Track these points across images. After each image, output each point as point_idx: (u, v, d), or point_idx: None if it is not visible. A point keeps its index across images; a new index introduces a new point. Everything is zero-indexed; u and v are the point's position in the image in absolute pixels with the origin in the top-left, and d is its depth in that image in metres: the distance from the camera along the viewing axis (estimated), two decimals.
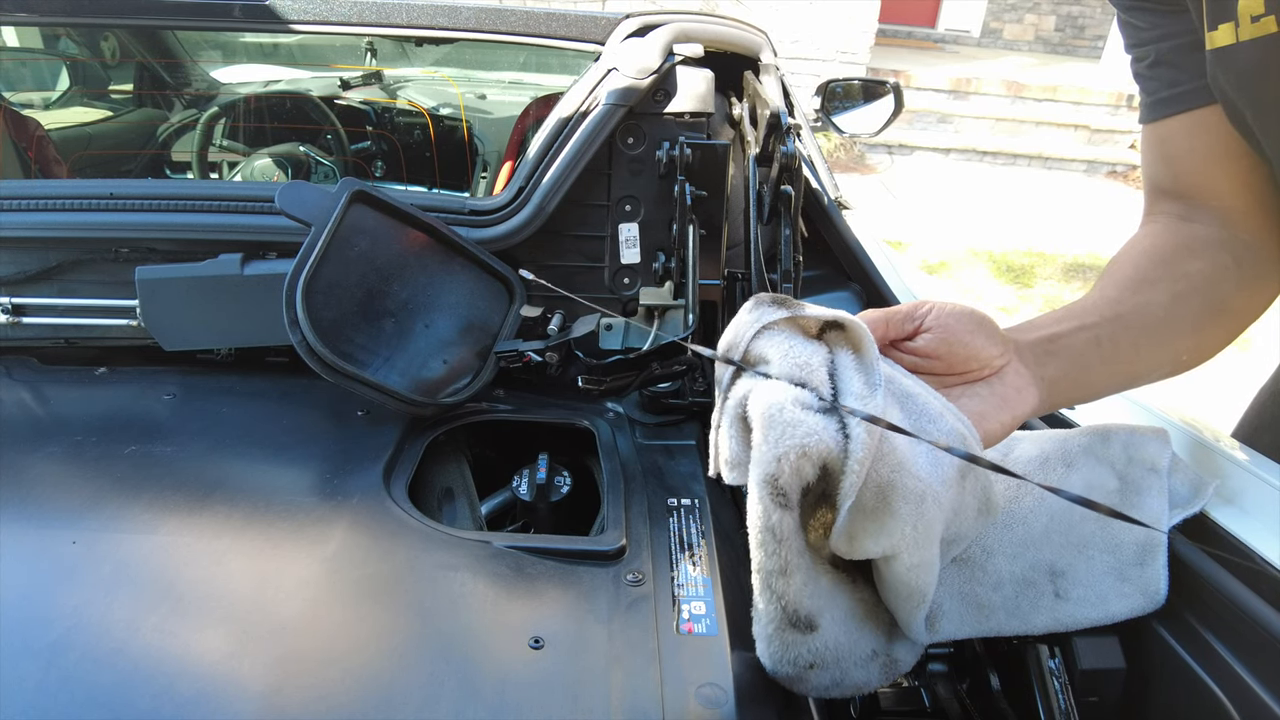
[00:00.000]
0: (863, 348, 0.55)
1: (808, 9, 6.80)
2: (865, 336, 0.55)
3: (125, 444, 0.86)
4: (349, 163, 1.98)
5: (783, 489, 0.51)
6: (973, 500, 0.59)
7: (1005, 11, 9.69)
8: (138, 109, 2.05)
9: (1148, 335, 0.68)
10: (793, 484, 0.51)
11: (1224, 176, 0.74)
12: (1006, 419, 0.60)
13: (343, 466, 0.85)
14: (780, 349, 0.54)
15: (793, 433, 0.50)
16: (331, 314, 0.91)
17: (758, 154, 1.06)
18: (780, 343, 0.55)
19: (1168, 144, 0.78)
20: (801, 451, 0.50)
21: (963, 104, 7.41)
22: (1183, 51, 0.72)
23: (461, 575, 0.71)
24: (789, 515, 0.52)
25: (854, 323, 0.55)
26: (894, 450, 0.52)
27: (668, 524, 0.81)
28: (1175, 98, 0.74)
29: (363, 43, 2.01)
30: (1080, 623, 0.64)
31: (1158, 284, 0.71)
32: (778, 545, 0.53)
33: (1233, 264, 0.72)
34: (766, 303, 0.57)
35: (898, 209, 5.63)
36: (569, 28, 1.18)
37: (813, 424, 0.50)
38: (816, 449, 0.50)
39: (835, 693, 0.61)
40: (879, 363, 0.55)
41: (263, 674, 0.58)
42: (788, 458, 0.50)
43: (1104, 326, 0.66)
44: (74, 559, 0.68)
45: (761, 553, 0.54)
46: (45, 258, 1.07)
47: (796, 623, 0.56)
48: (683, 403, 1.05)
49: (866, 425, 0.50)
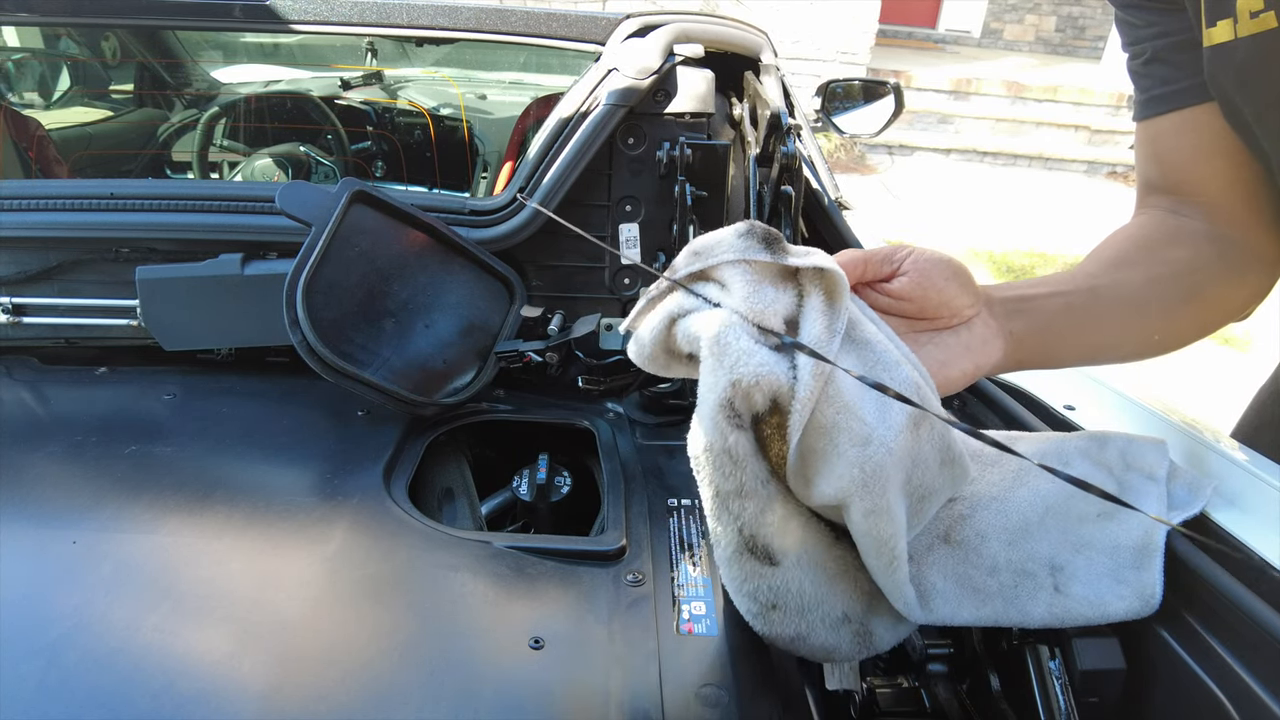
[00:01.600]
0: (835, 295, 0.56)
1: (808, 9, 6.80)
2: (840, 286, 0.56)
3: (125, 444, 0.86)
4: (349, 163, 1.98)
5: (738, 411, 0.52)
6: (931, 450, 0.59)
7: (1006, 12, 9.69)
8: (138, 109, 2.05)
9: (1119, 310, 0.70)
10: (744, 408, 0.53)
11: (1213, 174, 0.75)
12: (969, 367, 0.61)
13: (343, 466, 0.85)
14: (747, 285, 0.55)
15: (747, 361, 0.51)
16: (332, 314, 0.91)
17: (758, 154, 1.06)
18: (750, 281, 0.55)
19: (1159, 141, 0.78)
20: (755, 380, 0.51)
21: (963, 104, 7.42)
22: (1177, 50, 0.73)
23: (461, 575, 0.71)
24: (744, 435, 0.53)
25: (834, 272, 0.55)
26: (840, 393, 0.53)
27: (668, 524, 0.81)
28: (1168, 96, 0.75)
29: (363, 43, 2.01)
30: (1078, 620, 0.64)
31: (1136, 265, 0.73)
32: (734, 467, 0.54)
33: (1215, 256, 0.74)
34: (758, 238, 0.56)
35: (899, 208, 5.63)
36: (569, 28, 1.18)
37: (764, 357, 0.52)
38: (768, 380, 0.51)
39: (802, 650, 0.60)
40: (846, 311, 0.56)
41: (262, 674, 0.58)
42: (741, 384, 0.51)
43: (1077, 295, 0.68)
44: (74, 559, 0.68)
45: (719, 475, 0.55)
46: (45, 258, 1.07)
47: (754, 549, 0.57)
48: (684, 403, 1.05)
49: (814, 366, 0.52)
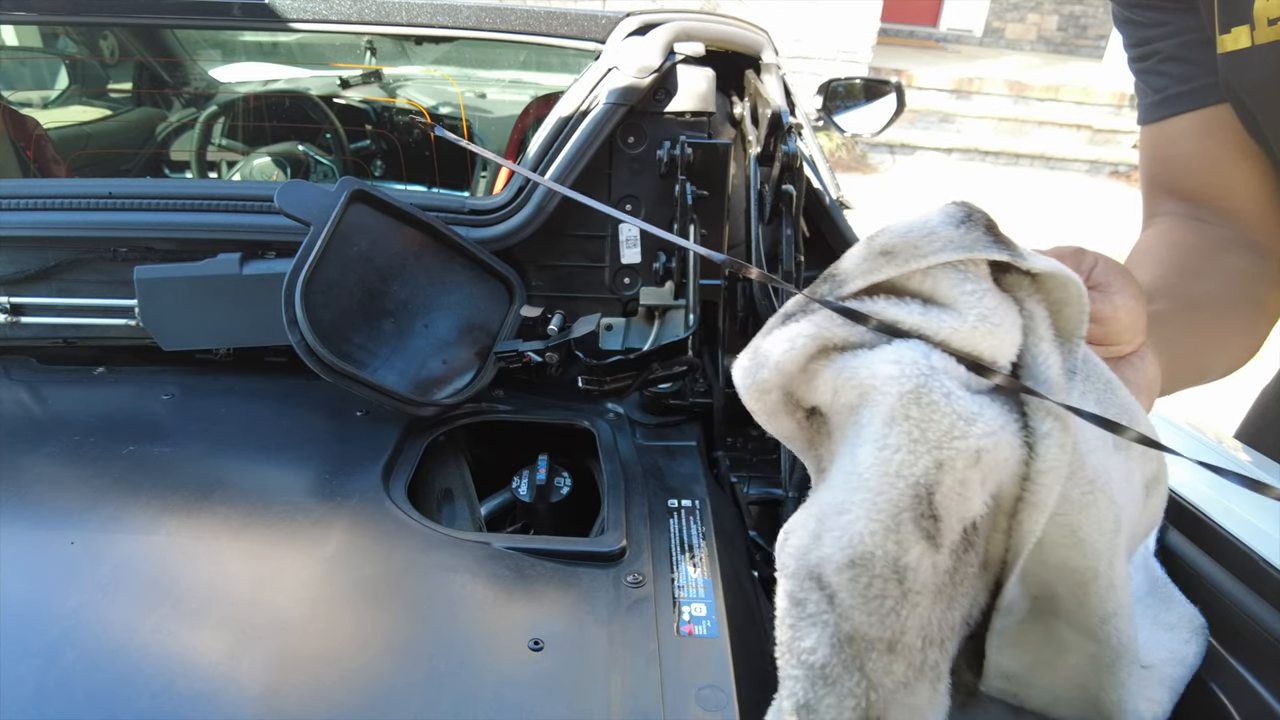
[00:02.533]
0: (1070, 315, 0.38)
1: (809, 8, 6.79)
2: (1078, 301, 0.38)
3: (124, 444, 0.86)
4: (348, 162, 1.97)
5: (936, 512, 0.34)
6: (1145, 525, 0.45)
7: (1007, 11, 9.68)
8: (137, 108, 2.04)
9: (1215, 325, 0.63)
10: (952, 507, 0.34)
11: (1240, 177, 0.70)
12: (1147, 406, 0.47)
13: (342, 467, 0.85)
14: (976, 299, 0.36)
15: (964, 428, 0.33)
16: (330, 314, 0.90)
17: (759, 153, 1.06)
18: (977, 293, 0.36)
19: (1178, 143, 0.73)
20: (975, 457, 0.33)
21: (965, 104, 7.41)
22: (1192, 48, 0.68)
23: (461, 576, 0.70)
24: (937, 556, 0.35)
25: (1072, 281, 0.38)
26: (1083, 462, 0.36)
27: (668, 525, 0.80)
28: (1185, 95, 0.70)
29: (362, 41, 2.00)
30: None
31: (1206, 275, 0.64)
32: (900, 601, 0.34)
33: (1260, 263, 0.68)
34: (981, 225, 0.37)
35: (899, 209, 5.62)
36: (569, 26, 1.17)
37: (991, 418, 0.34)
38: (995, 457, 0.34)
39: None
40: (1083, 340, 0.39)
41: (262, 674, 0.58)
42: (954, 466, 0.33)
43: (1183, 310, 0.58)
44: (72, 559, 0.68)
45: (863, 610, 0.34)
46: (44, 257, 1.06)
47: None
48: (683, 403, 1.05)
49: (1061, 431, 0.35)
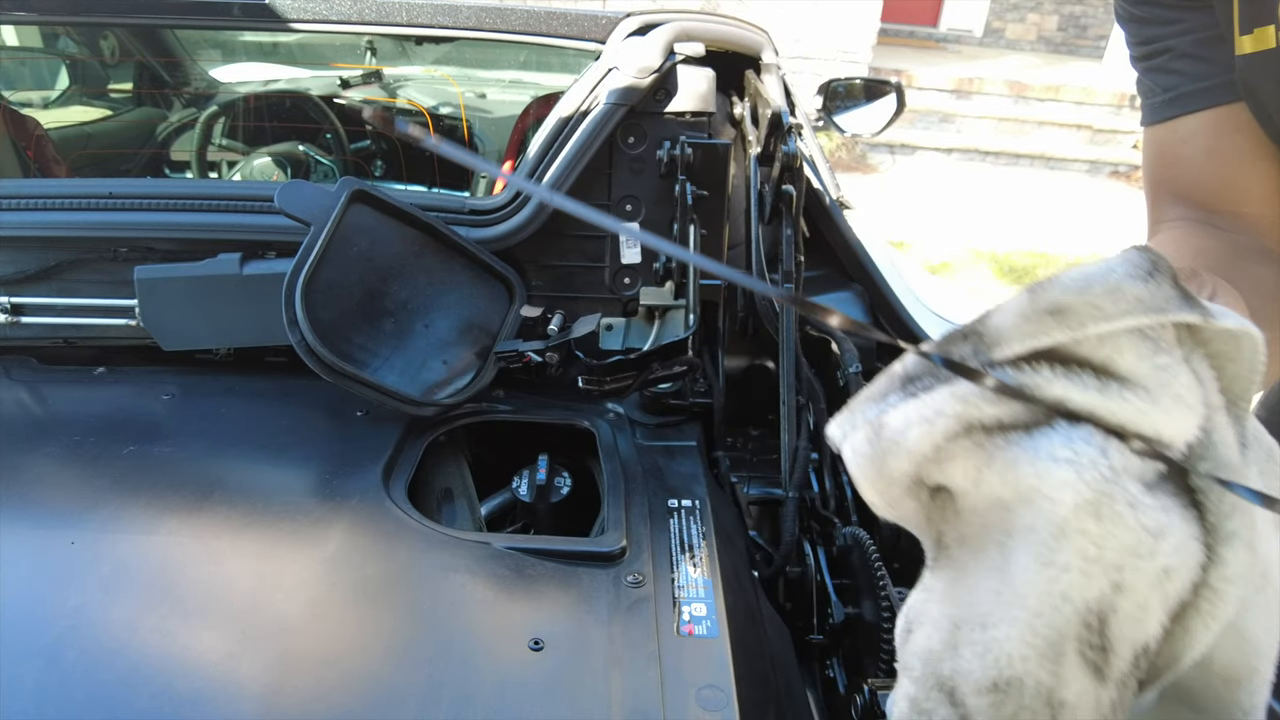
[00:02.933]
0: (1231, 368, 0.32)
1: (809, 8, 6.79)
2: (1249, 349, 0.32)
3: (124, 444, 0.86)
4: (348, 162, 1.97)
5: (1107, 642, 0.29)
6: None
7: (1007, 11, 9.67)
8: (137, 108, 2.04)
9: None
10: (1126, 636, 0.29)
11: (1253, 180, 0.66)
12: None
13: (342, 467, 0.85)
14: (1160, 371, 0.30)
15: (1152, 546, 0.28)
16: (331, 314, 0.90)
17: (759, 153, 1.06)
18: (1164, 368, 0.30)
19: (1191, 143, 0.68)
20: (1162, 577, 0.28)
21: (965, 104, 7.40)
22: (1206, 45, 0.65)
23: (461, 576, 0.70)
24: (1101, 691, 0.30)
25: (1246, 331, 0.32)
26: (1255, 554, 0.31)
27: (668, 525, 0.80)
28: (1198, 93, 0.66)
29: (362, 41, 2.00)
30: None
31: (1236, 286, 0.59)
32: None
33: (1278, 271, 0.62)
34: (1168, 277, 0.30)
35: (900, 209, 5.62)
36: (569, 27, 1.17)
37: (1178, 526, 0.28)
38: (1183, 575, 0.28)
39: None
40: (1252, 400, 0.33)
41: (262, 674, 0.58)
42: (1135, 589, 0.28)
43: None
44: (73, 559, 0.68)
45: None
46: (44, 257, 1.07)
47: None
48: (683, 404, 1.05)
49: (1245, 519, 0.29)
